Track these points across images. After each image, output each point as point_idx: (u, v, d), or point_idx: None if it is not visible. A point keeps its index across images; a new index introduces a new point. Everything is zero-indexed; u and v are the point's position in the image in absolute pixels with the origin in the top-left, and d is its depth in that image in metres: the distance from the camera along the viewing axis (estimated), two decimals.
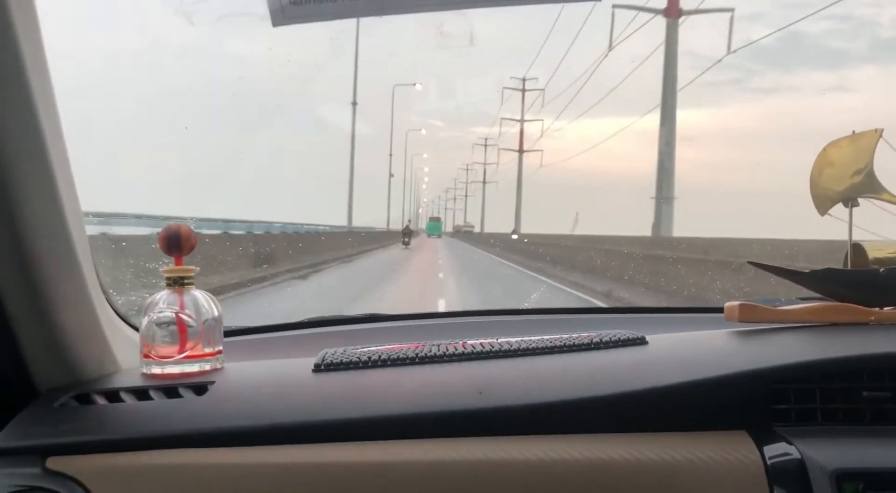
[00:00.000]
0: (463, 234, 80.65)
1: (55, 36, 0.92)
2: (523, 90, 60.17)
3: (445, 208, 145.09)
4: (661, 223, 25.66)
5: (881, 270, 1.22)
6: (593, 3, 1.19)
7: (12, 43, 0.83)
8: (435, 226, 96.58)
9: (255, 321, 1.58)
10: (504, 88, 65.09)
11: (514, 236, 43.85)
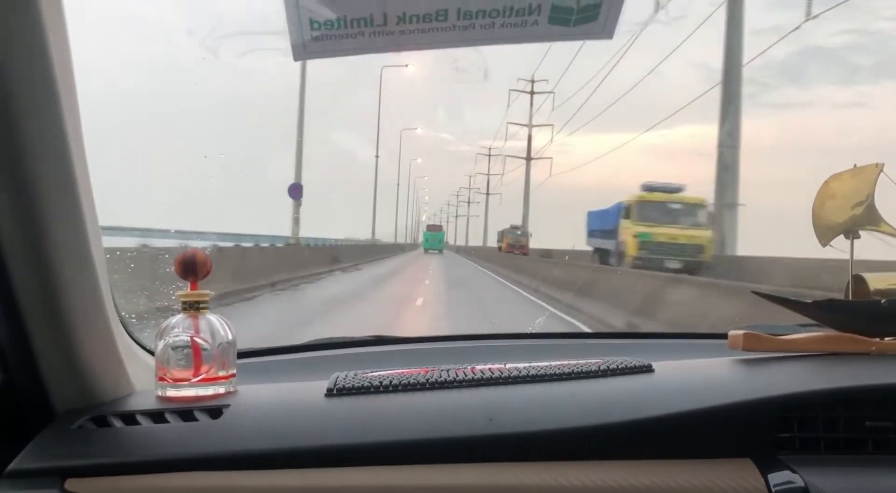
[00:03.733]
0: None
1: (82, 51, 0.95)
2: (531, 92, 58.96)
3: (456, 216, 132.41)
4: (726, 237, 21.26)
5: (882, 301, 1.25)
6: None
7: (45, 68, 0.86)
8: (434, 237, 76.75)
9: None
10: (510, 89, 60.76)
11: None
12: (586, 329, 10.32)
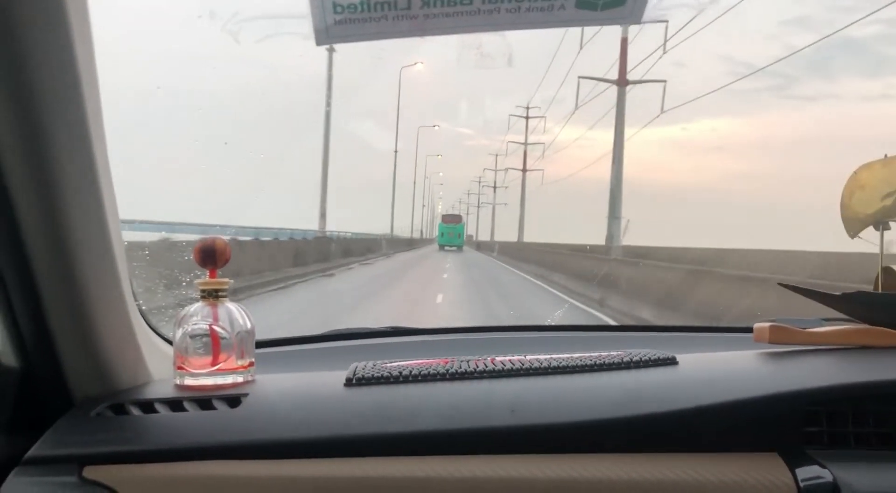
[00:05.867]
0: None
1: (101, 43, 0.94)
2: (527, 117, 60.07)
3: (478, 206, 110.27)
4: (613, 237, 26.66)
5: None
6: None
7: (66, 52, 0.85)
8: (452, 231, 62.34)
9: None
10: (510, 115, 62.11)
11: None
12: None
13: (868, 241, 1.33)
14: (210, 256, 1.14)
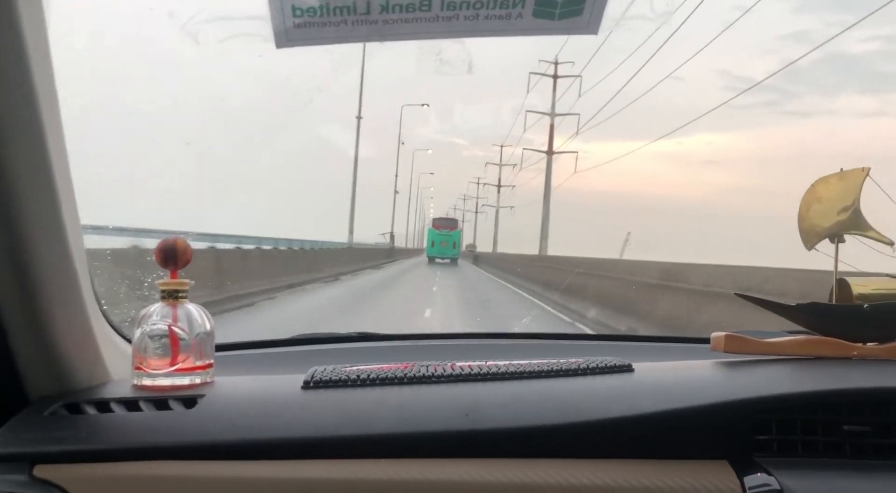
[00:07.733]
0: None
1: (58, 43, 0.93)
2: (555, 76, 45.66)
3: (477, 211, 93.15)
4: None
5: (865, 305, 1.24)
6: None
7: (19, 50, 0.85)
8: (445, 239, 50.22)
9: None
10: (531, 72, 46.70)
11: None
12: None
13: (825, 253, 1.35)
14: (171, 256, 1.14)
